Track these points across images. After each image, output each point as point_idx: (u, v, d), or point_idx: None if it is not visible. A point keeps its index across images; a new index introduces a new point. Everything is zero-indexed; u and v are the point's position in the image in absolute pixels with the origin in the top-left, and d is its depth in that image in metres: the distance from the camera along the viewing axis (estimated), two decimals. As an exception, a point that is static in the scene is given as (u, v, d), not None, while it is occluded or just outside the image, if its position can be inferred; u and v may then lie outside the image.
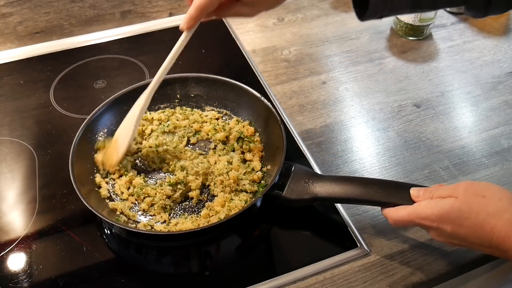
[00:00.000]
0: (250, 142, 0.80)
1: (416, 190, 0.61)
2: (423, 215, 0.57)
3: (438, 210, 0.56)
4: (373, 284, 0.65)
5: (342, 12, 1.16)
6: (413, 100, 0.93)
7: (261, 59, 1.03)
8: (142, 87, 0.84)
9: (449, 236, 0.56)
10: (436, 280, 0.66)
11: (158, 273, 0.67)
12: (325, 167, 0.80)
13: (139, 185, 0.74)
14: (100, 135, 0.80)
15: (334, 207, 0.73)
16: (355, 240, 0.69)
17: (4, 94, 0.95)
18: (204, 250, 0.70)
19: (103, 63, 1.03)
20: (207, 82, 0.86)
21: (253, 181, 0.75)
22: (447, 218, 0.55)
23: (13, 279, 0.65)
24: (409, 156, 0.82)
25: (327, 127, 0.87)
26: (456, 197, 0.55)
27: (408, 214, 0.58)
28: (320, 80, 0.97)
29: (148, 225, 0.69)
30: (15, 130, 0.87)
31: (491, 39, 1.07)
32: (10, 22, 1.04)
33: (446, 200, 0.56)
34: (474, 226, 0.54)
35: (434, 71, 1.00)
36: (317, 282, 0.65)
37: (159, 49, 1.06)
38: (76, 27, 1.10)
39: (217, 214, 0.70)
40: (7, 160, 0.82)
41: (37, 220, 0.72)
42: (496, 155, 0.81)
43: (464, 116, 0.90)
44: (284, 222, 0.72)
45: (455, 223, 0.55)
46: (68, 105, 0.92)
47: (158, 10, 1.15)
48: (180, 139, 0.81)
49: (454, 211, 0.55)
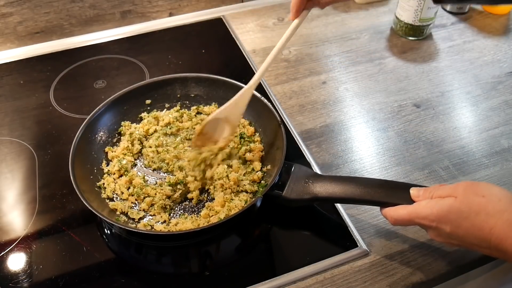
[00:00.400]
0: (250, 142, 0.80)
1: (416, 190, 0.61)
2: (422, 214, 0.57)
3: (437, 210, 0.56)
4: (373, 284, 0.65)
5: (342, 12, 1.16)
6: (413, 100, 0.93)
7: (261, 59, 1.03)
8: (142, 87, 0.85)
9: (448, 236, 0.56)
10: (436, 280, 0.66)
11: (158, 273, 0.67)
12: (325, 167, 0.80)
13: (139, 185, 0.74)
14: (100, 135, 0.80)
15: (334, 207, 0.73)
16: (355, 240, 0.69)
17: (4, 94, 0.95)
18: (204, 250, 0.70)
19: (103, 63, 1.03)
20: (207, 82, 0.86)
21: (253, 181, 0.75)
22: (446, 218, 0.55)
23: (13, 279, 0.65)
24: (409, 156, 0.82)
25: (327, 127, 0.87)
26: (455, 197, 0.55)
27: (407, 214, 0.58)
28: (320, 80, 0.97)
29: (148, 225, 0.69)
30: (15, 130, 0.87)
31: (491, 39, 1.07)
32: (10, 22, 1.04)
33: (445, 200, 0.56)
34: (473, 226, 0.54)
35: (434, 71, 1.00)
36: (317, 282, 0.65)
37: (159, 49, 1.06)
38: (76, 27, 1.10)
39: (217, 214, 0.70)
40: (7, 160, 0.82)
41: (37, 220, 0.72)
42: (496, 155, 0.81)
43: (464, 116, 0.90)
44: (284, 222, 0.72)
45: (454, 223, 0.55)
46: (68, 105, 0.92)
47: (158, 10, 1.15)
48: (182, 141, 0.82)
49: (453, 211, 0.55)
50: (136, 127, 0.83)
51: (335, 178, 0.68)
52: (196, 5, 1.18)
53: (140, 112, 0.86)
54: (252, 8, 1.18)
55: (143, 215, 0.71)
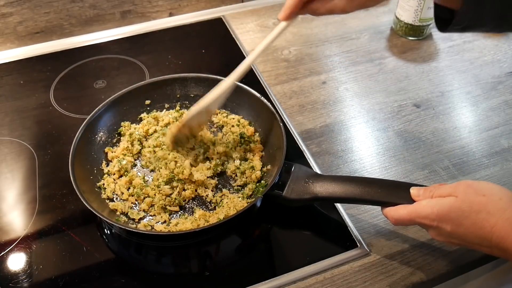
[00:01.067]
0: (250, 142, 0.80)
1: (416, 189, 0.61)
2: (423, 214, 0.57)
3: (438, 209, 0.56)
4: (373, 284, 0.65)
5: (342, 12, 1.16)
6: (413, 100, 0.93)
7: (261, 59, 1.03)
8: (142, 87, 0.85)
9: (449, 236, 0.56)
10: (436, 280, 0.66)
11: (158, 273, 0.67)
12: (325, 167, 0.80)
13: (139, 185, 0.74)
14: (99, 135, 0.80)
15: (334, 207, 0.73)
16: (355, 240, 0.69)
17: (4, 94, 0.95)
18: (204, 250, 0.70)
19: (103, 63, 1.03)
20: (207, 82, 0.86)
21: (253, 181, 0.75)
22: (447, 217, 0.55)
23: (13, 279, 0.65)
24: (409, 156, 0.82)
25: (327, 127, 0.87)
26: (456, 196, 0.55)
27: (408, 213, 0.58)
28: (320, 80, 0.97)
29: (148, 225, 0.69)
30: (15, 130, 0.87)
31: (491, 39, 1.07)
32: (10, 22, 1.04)
33: (446, 199, 0.56)
34: (473, 225, 0.54)
35: (434, 71, 1.00)
36: (317, 282, 0.65)
37: (159, 49, 1.06)
38: (76, 27, 1.10)
39: (216, 214, 0.70)
40: (7, 160, 0.82)
41: (37, 220, 0.72)
42: (496, 155, 0.81)
43: (464, 116, 0.90)
44: (284, 222, 0.72)
45: (455, 222, 0.55)
46: (68, 105, 0.92)
47: (158, 10, 1.15)
48: None
49: (454, 210, 0.55)
50: (136, 127, 0.83)
51: (335, 177, 0.68)
52: (196, 5, 1.18)
53: (140, 113, 0.86)
54: (252, 8, 1.18)
55: (143, 215, 0.71)
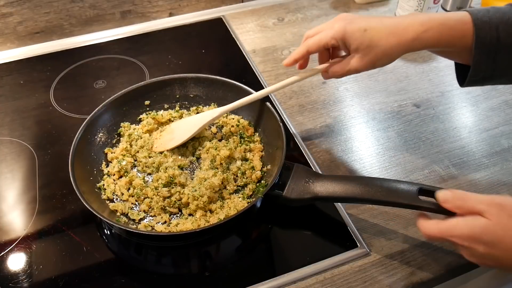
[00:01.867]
0: (250, 142, 0.80)
1: (443, 193, 0.57)
2: (454, 233, 0.55)
3: (469, 231, 0.54)
4: (373, 284, 0.65)
5: (342, 12, 1.16)
6: (413, 100, 0.93)
7: (261, 59, 1.03)
8: (142, 87, 0.85)
9: (482, 257, 0.54)
10: (436, 280, 0.66)
11: (158, 274, 0.67)
12: (325, 167, 0.80)
13: (139, 186, 0.74)
14: (99, 136, 0.80)
15: (334, 207, 0.73)
16: (355, 240, 0.69)
17: (4, 94, 0.95)
18: (204, 251, 0.70)
19: (103, 63, 1.03)
20: (206, 82, 0.86)
21: (253, 181, 0.75)
22: (480, 239, 0.53)
23: (13, 279, 0.65)
24: (409, 156, 0.82)
25: (327, 127, 0.87)
26: (489, 219, 0.53)
27: (439, 232, 0.56)
28: (320, 80, 0.97)
29: (148, 226, 0.69)
30: (15, 130, 0.87)
31: (491, 39, 1.07)
32: (10, 22, 1.04)
33: (478, 221, 0.54)
34: (509, 249, 0.52)
35: (434, 71, 1.00)
36: (317, 282, 0.65)
37: (159, 49, 1.06)
38: (76, 27, 1.10)
39: (216, 214, 0.70)
40: (7, 160, 0.82)
41: (37, 220, 0.72)
42: (496, 155, 0.81)
43: (464, 116, 0.90)
44: (284, 222, 0.72)
45: (488, 245, 0.53)
46: (68, 105, 0.92)
47: (158, 10, 1.15)
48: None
49: (487, 233, 0.53)
50: (135, 128, 0.83)
51: (335, 177, 0.68)
52: (196, 5, 1.18)
53: (139, 113, 0.86)
54: (252, 8, 1.18)
55: (144, 216, 0.71)
